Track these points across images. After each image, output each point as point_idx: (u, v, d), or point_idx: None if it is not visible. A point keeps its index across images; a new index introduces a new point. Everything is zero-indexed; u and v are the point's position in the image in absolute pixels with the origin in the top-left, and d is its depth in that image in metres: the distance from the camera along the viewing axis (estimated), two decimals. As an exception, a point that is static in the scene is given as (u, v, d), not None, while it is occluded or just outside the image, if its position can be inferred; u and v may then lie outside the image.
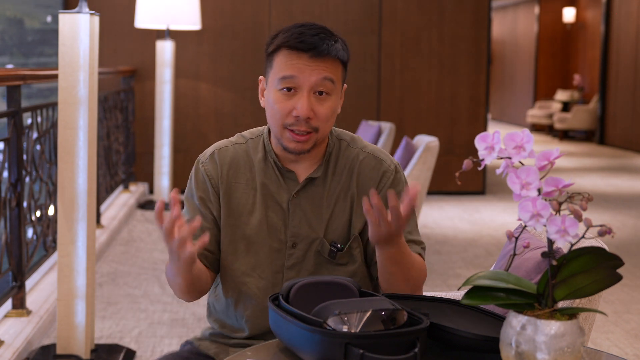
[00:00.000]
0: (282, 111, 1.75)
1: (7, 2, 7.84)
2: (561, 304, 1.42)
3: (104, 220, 5.77)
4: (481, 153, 1.22)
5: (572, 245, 1.17)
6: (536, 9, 16.94)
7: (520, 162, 1.20)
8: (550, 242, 1.20)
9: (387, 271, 1.68)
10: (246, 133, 1.93)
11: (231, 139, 1.92)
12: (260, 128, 1.91)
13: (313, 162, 1.82)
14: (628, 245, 5.91)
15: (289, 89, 1.74)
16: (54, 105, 4.18)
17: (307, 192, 1.80)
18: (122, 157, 6.88)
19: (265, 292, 1.78)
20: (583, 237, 1.18)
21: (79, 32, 3.10)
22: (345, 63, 1.81)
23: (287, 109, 1.74)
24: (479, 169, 1.28)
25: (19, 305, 3.59)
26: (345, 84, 1.85)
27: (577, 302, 1.49)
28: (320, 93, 1.74)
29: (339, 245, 1.77)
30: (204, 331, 1.92)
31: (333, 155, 1.83)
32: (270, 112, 1.79)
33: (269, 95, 1.79)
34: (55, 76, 3.35)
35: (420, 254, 1.78)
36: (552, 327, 1.17)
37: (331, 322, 1.28)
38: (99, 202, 5.52)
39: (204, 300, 4.28)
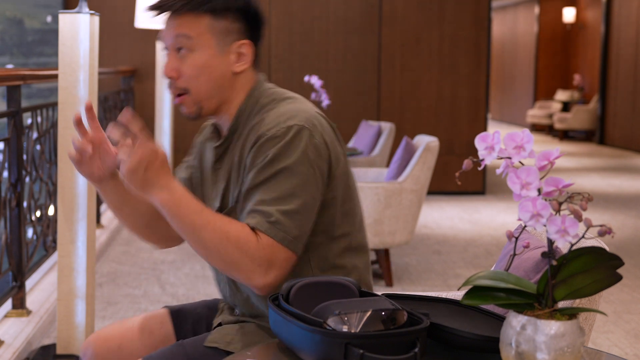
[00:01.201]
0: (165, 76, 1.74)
1: (7, 2, 7.84)
2: (561, 304, 1.42)
3: (104, 220, 5.78)
4: (481, 153, 1.22)
5: (572, 245, 1.17)
6: (536, 9, 16.94)
7: (520, 162, 1.20)
8: (550, 242, 1.20)
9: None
10: None
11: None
12: None
13: (226, 126, 1.77)
14: (628, 245, 5.91)
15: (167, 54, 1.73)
16: (54, 105, 4.18)
17: (222, 161, 1.76)
18: (122, 157, 6.88)
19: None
20: (583, 237, 1.18)
21: (79, 32, 3.10)
22: (226, 14, 1.69)
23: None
24: (479, 169, 1.28)
25: (19, 305, 3.59)
26: (244, 40, 1.72)
27: (577, 302, 1.49)
28: (180, 50, 1.69)
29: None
30: None
31: (241, 121, 1.73)
32: None
33: None
34: (55, 76, 3.35)
35: (257, 228, 1.57)
36: (552, 327, 1.17)
37: (331, 322, 1.28)
38: (99, 202, 5.52)
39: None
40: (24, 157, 3.69)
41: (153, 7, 1.70)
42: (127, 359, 1.85)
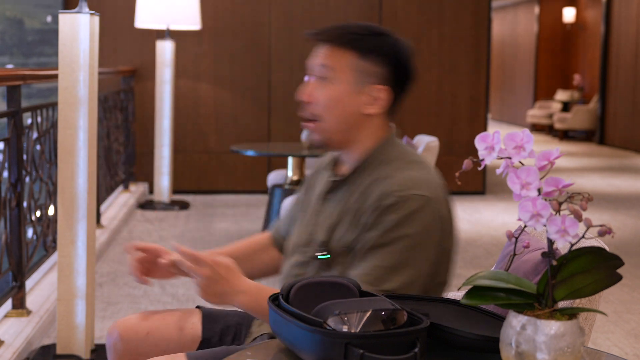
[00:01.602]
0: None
1: (7, 2, 7.84)
2: (561, 304, 1.42)
3: (104, 220, 5.77)
4: (481, 153, 1.22)
5: (572, 245, 1.17)
6: (536, 9, 16.94)
7: (520, 162, 1.20)
8: (550, 242, 1.19)
9: None
10: None
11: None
12: None
13: (350, 166, 1.82)
14: (628, 245, 5.91)
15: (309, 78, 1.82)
16: (54, 105, 4.18)
17: (334, 195, 1.82)
18: (122, 157, 6.88)
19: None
20: (583, 237, 1.18)
21: (79, 32, 3.10)
22: (375, 58, 1.74)
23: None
24: (479, 169, 1.28)
25: (19, 305, 3.59)
26: (380, 85, 1.76)
27: (577, 302, 1.49)
28: (321, 79, 1.76)
29: (324, 253, 1.75)
30: None
31: (367, 168, 1.77)
32: None
33: None
34: (55, 76, 3.35)
35: None
36: (552, 327, 1.17)
37: (331, 322, 1.28)
38: (99, 202, 5.52)
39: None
40: (24, 157, 3.69)
41: (311, 34, 1.80)
42: (152, 348, 1.86)
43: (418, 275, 1.65)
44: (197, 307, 1.96)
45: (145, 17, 6.52)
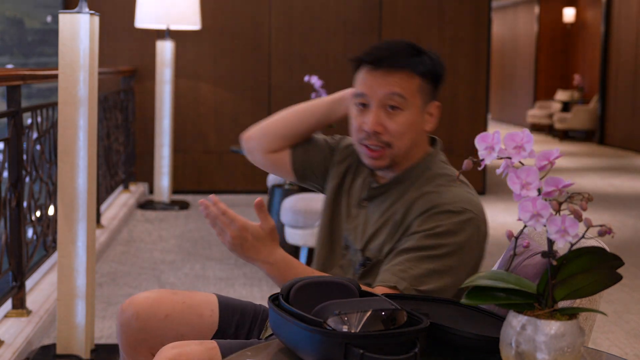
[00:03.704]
0: (356, 126, 1.78)
1: (7, 2, 7.84)
2: (561, 304, 1.42)
3: (104, 220, 5.77)
4: (481, 153, 1.22)
5: (572, 245, 1.17)
6: (536, 9, 16.93)
7: (520, 162, 1.20)
8: (551, 242, 1.19)
9: None
10: None
11: None
12: None
13: (391, 172, 1.83)
14: (628, 245, 5.91)
15: (363, 105, 1.78)
16: (54, 105, 4.18)
17: (373, 202, 1.82)
18: (122, 157, 6.88)
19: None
20: (583, 237, 1.18)
21: (79, 32, 3.10)
22: (430, 77, 1.78)
23: (359, 124, 1.77)
24: (479, 169, 1.28)
25: (19, 305, 3.59)
26: (436, 102, 1.83)
27: (577, 302, 1.49)
28: (392, 108, 1.74)
29: (368, 263, 1.78)
30: None
31: (410, 179, 1.79)
32: (351, 127, 1.83)
33: (351, 110, 1.83)
34: (55, 76, 3.35)
35: (386, 286, 1.67)
36: (552, 327, 1.17)
37: (331, 322, 1.28)
38: (99, 202, 5.51)
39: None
40: (24, 157, 3.69)
41: (368, 60, 1.77)
42: (169, 332, 1.85)
43: (454, 284, 1.69)
44: (214, 293, 1.96)
45: (145, 17, 6.52)
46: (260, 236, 1.63)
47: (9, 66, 7.83)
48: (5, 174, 3.52)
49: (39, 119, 3.99)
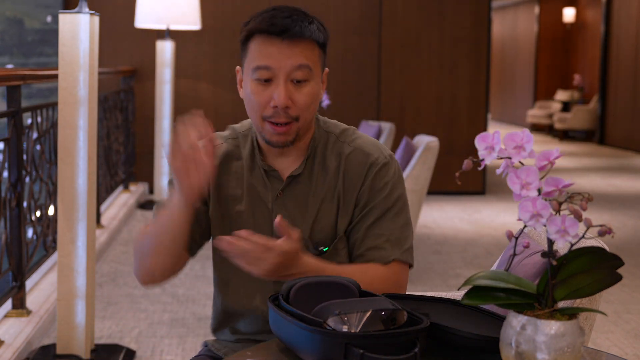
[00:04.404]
0: (259, 103, 1.65)
1: (7, 2, 7.84)
2: (561, 304, 1.42)
3: (104, 220, 5.77)
4: (481, 153, 1.22)
5: (572, 245, 1.17)
6: (536, 9, 16.94)
7: (520, 162, 1.20)
8: (551, 242, 1.19)
9: None
10: (238, 126, 1.85)
11: (224, 133, 1.85)
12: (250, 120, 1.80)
13: (297, 156, 1.74)
14: (628, 245, 5.91)
15: (266, 80, 1.65)
16: (54, 105, 4.18)
17: (292, 190, 1.73)
18: (122, 157, 6.88)
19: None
20: (583, 237, 1.18)
21: (79, 32, 3.10)
22: (324, 45, 1.70)
23: (265, 100, 1.65)
24: (479, 169, 1.28)
25: (19, 305, 3.59)
26: (326, 68, 1.75)
27: (577, 302, 1.49)
28: (298, 81, 1.65)
29: (321, 248, 1.71)
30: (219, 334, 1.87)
31: (319, 150, 1.74)
32: (248, 104, 1.69)
33: (246, 86, 1.69)
34: (55, 76, 3.35)
35: (381, 261, 1.68)
36: (552, 327, 1.17)
37: (331, 322, 1.28)
38: (99, 202, 5.51)
39: (204, 300, 4.28)
40: (24, 157, 3.69)
41: (271, 30, 1.63)
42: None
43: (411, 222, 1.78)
44: None
45: (145, 17, 6.52)
46: (292, 256, 1.57)
47: (9, 66, 7.83)
48: (5, 174, 3.52)
49: (39, 119, 3.99)
